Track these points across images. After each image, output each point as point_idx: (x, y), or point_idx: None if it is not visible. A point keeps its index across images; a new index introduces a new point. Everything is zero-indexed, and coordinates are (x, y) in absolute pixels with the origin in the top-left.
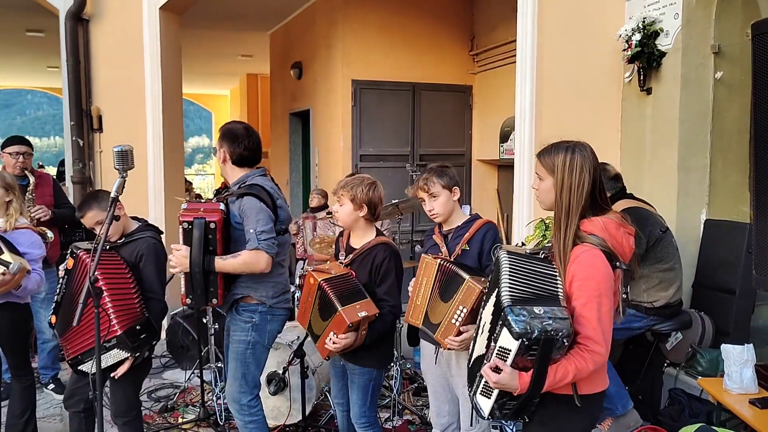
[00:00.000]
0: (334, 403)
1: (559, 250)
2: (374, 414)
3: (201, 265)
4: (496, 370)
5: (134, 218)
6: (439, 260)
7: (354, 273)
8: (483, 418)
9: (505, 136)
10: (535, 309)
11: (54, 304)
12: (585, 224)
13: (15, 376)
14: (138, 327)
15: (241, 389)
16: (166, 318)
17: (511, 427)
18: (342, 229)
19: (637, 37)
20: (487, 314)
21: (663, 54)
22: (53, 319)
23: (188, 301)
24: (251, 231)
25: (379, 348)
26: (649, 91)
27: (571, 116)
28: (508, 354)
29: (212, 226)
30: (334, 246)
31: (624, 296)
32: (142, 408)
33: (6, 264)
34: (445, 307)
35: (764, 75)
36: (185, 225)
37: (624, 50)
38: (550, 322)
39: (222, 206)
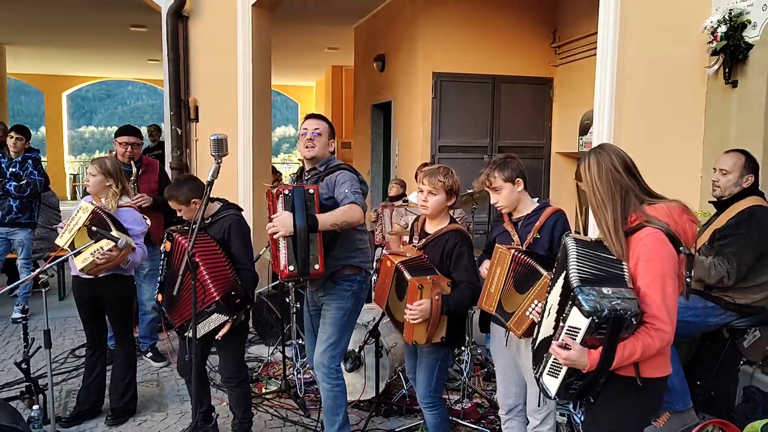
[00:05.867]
0: (410, 379)
1: (609, 239)
2: (439, 396)
3: (305, 224)
4: (566, 348)
5: (215, 199)
6: (512, 251)
7: (426, 256)
8: (549, 397)
9: (584, 129)
10: (604, 289)
11: (158, 284)
12: (647, 209)
13: (119, 342)
14: (233, 293)
15: (333, 354)
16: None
17: (578, 414)
18: (415, 215)
19: (723, 29)
20: (553, 297)
21: (750, 46)
22: (159, 297)
23: (291, 269)
24: (345, 191)
25: (449, 325)
26: (734, 84)
27: (653, 109)
28: (578, 332)
29: (311, 192)
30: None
31: (687, 280)
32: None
33: (115, 240)
34: (521, 298)
35: None
36: (286, 192)
37: (709, 42)
38: (619, 301)
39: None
